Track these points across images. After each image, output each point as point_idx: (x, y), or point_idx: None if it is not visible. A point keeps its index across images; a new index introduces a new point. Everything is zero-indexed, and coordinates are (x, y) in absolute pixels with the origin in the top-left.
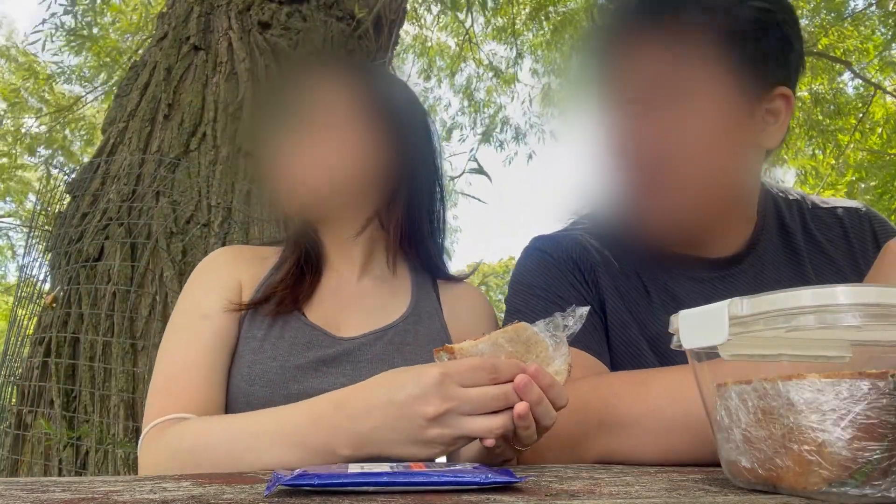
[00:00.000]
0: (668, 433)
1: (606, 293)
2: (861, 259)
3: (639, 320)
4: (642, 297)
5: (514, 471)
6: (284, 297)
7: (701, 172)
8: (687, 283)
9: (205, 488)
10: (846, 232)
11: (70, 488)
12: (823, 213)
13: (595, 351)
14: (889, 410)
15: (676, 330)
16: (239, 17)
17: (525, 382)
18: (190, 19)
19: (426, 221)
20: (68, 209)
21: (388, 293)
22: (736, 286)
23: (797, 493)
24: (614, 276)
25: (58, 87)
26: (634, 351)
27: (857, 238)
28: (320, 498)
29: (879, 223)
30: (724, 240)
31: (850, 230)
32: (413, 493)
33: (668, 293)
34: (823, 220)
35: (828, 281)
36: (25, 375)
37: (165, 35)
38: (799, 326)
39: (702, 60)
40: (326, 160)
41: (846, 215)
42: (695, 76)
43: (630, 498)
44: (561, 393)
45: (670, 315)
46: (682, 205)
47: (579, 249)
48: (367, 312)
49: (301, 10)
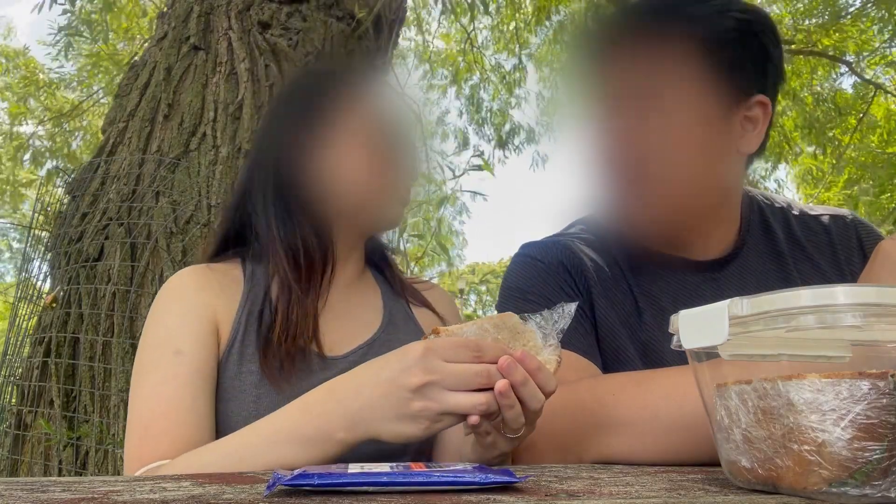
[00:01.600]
0: (666, 434)
1: (596, 299)
2: (846, 266)
3: (627, 326)
4: (630, 303)
5: (514, 471)
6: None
7: (678, 175)
8: (673, 285)
9: (205, 488)
10: (832, 239)
11: (70, 488)
12: (809, 220)
13: (588, 353)
14: (889, 410)
15: (676, 330)
16: (239, 17)
17: (509, 363)
18: (190, 19)
19: None
20: (68, 209)
21: (360, 300)
22: (721, 289)
23: (797, 493)
24: (604, 281)
25: (59, 94)
26: (623, 357)
27: (842, 245)
28: (320, 498)
29: (865, 231)
30: (708, 241)
31: (836, 237)
32: (413, 493)
33: (654, 298)
34: (809, 226)
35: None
36: (25, 375)
37: (165, 35)
38: (799, 326)
39: (680, 68)
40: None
41: (832, 223)
42: (672, 83)
43: (630, 498)
44: (549, 378)
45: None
46: (662, 205)
47: (569, 255)
48: (349, 324)
49: (301, 10)
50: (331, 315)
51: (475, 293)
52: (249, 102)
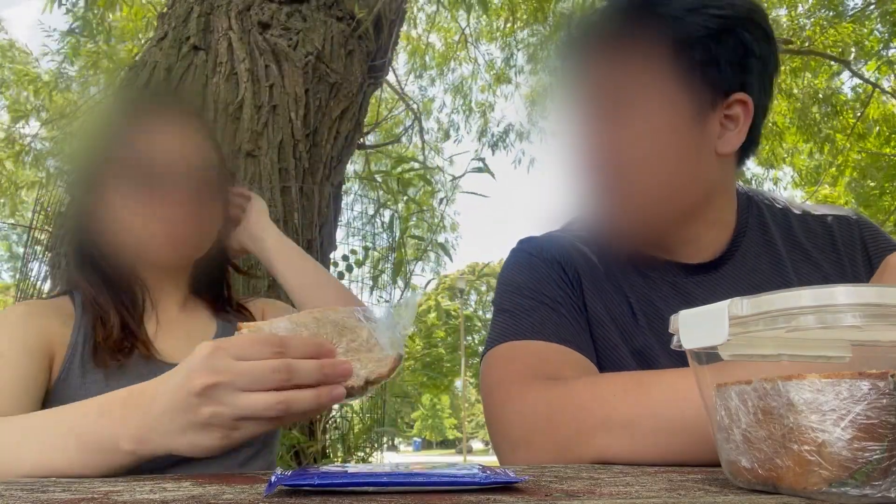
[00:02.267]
0: (668, 436)
1: (588, 296)
2: (849, 267)
3: (619, 325)
4: (623, 303)
5: (514, 471)
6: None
7: (654, 180)
8: (665, 287)
9: (205, 488)
10: (834, 239)
11: (70, 488)
12: (812, 220)
13: (584, 350)
14: (889, 410)
15: (676, 330)
16: (239, 18)
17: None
18: (190, 19)
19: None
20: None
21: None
22: (714, 292)
23: (797, 494)
24: (597, 279)
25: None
26: (615, 356)
27: (845, 245)
28: (320, 498)
29: (869, 231)
30: (698, 244)
31: (839, 238)
32: (413, 493)
33: (647, 299)
34: (811, 227)
35: None
36: None
37: (165, 35)
38: (799, 326)
39: (650, 70)
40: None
41: (836, 223)
42: (643, 86)
43: (630, 498)
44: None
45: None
46: (641, 211)
47: (564, 252)
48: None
49: (301, 10)
50: (164, 330)
51: (475, 293)
52: (249, 103)
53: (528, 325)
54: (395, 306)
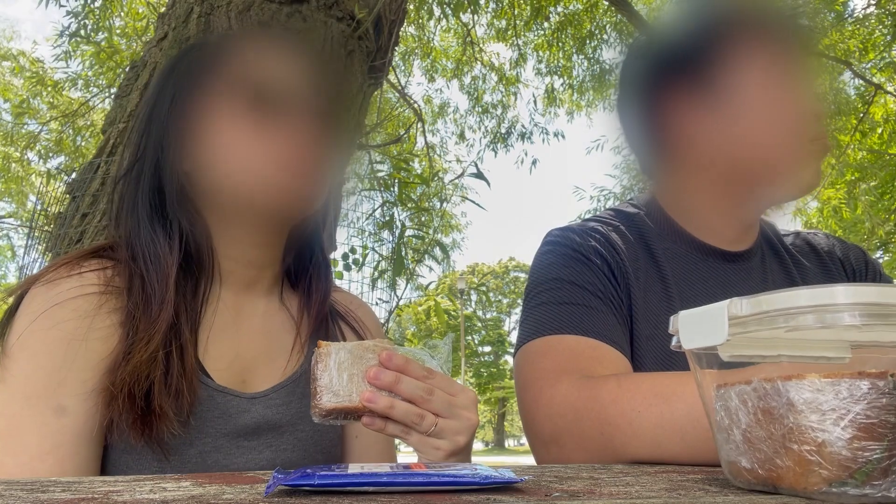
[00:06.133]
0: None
1: (632, 284)
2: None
3: (654, 314)
4: (660, 289)
5: (514, 471)
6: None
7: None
8: (703, 271)
9: (205, 488)
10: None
11: (70, 488)
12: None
13: (618, 344)
14: (889, 410)
15: (676, 331)
16: (239, 18)
17: (376, 370)
18: (190, 19)
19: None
20: (68, 209)
21: (276, 319)
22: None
23: (797, 494)
24: (637, 267)
25: (65, 94)
26: (655, 344)
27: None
28: (320, 498)
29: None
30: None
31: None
32: (413, 493)
33: (685, 284)
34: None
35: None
36: None
37: (165, 35)
38: (798, 326)
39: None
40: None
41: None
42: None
43: (630, 498)
44: (420, 368)
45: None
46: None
47: (603, 240)
48: (268, 351)
49: (301, 10)
50: (241, 333)
51: (476, 294)
52: None
53: (561, 319)
54: (431, 346)
